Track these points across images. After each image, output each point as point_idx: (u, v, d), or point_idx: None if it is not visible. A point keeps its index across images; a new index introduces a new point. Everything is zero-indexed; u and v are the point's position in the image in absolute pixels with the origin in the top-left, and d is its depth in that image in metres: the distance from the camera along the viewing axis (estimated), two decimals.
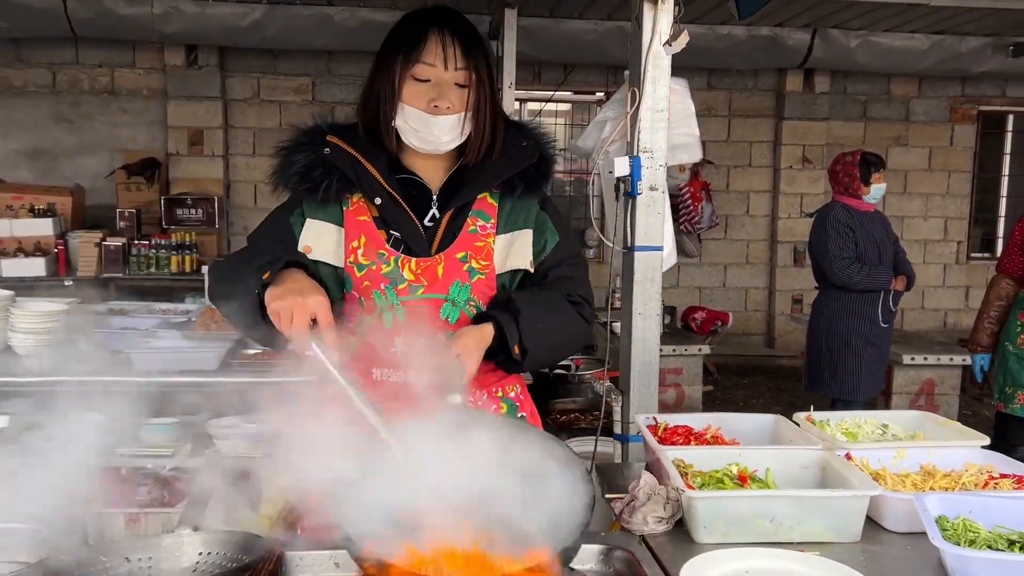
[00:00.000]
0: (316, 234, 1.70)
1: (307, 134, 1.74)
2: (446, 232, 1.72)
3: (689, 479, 1.75)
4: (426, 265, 1.69)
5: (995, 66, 7.80)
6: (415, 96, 1.65)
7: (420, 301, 1.68)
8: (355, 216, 1.71)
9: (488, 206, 1.75)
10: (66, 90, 7.68)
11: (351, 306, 1.69)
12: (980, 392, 7.13)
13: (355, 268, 1.68)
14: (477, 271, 1.72)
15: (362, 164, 1.69)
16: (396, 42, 1.68)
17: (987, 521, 1.55)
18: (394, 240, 1.69)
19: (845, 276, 4.55)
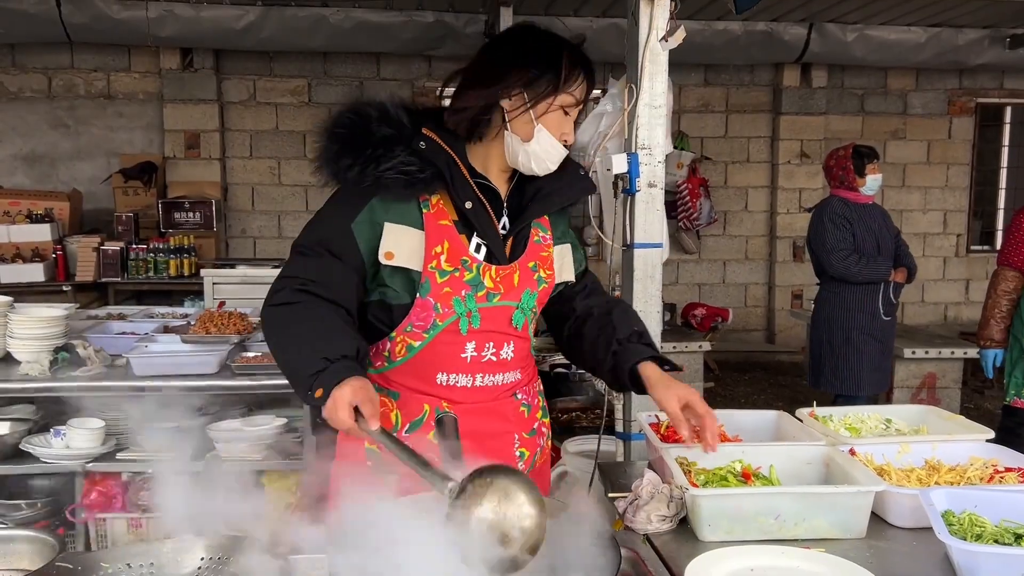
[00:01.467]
0: (397, 240, 1.63)
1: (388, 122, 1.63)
2: (516, 240, 1.74)
3: (692, 477, 1.74)
4: (505, 273, 1.70)
5: (992, 58, 7.80)
6: (555, 124, 1.65)
7: (495, 308, 1.69)
8: (436, 220, 1.65)
9: (543, 219, 1.80)
10: (62, 95, 7.67)
11: (423, 311, 1.65)
12: (982, 385, 7.13)
13: (437, 274, 1.64)
14: (543, 280, 1.77)
15: (457, 164, 1.65)
16: (542, 63, 1.62)
17: (993, 515, 1.54)
18: (476, 246, 1.67)
19: (843, 268, 4.53)
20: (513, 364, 1.77)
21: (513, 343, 1.75)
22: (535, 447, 1.87)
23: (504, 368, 1.75)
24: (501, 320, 1.71)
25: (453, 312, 1.66)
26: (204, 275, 5.31)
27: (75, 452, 3.27)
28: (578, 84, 1.64)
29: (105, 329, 3.90)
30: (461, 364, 1.70)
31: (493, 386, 1.74)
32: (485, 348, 1.71)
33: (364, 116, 1.63)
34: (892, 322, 4.73)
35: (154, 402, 3.56)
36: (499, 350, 1.73)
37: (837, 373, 4.67)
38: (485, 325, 1.69)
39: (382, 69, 8.00)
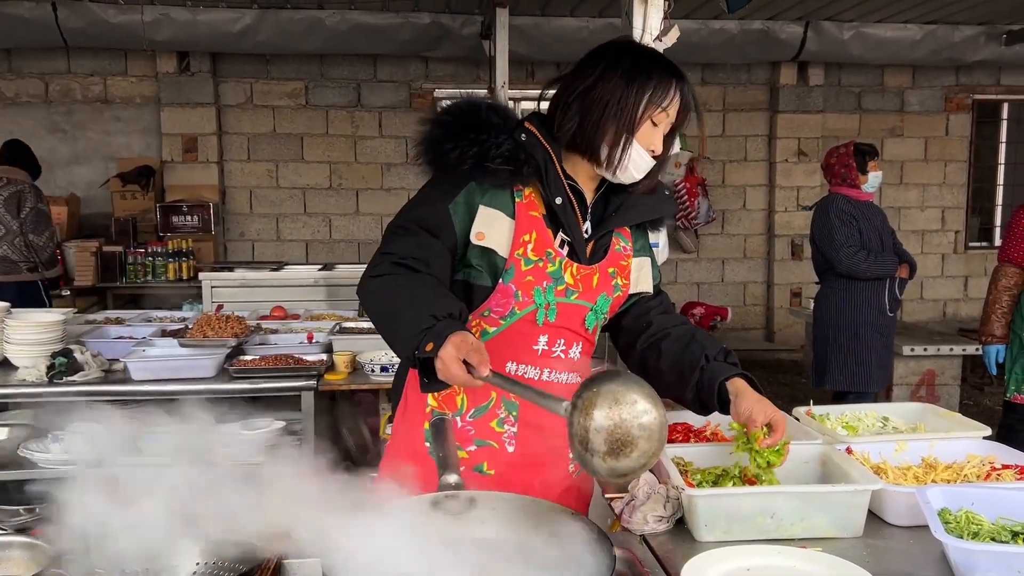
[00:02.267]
0: (489, 222, 1.68)
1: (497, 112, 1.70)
2: (597, 245, 1.77)
3: (689, 477, 1.74)
4: (586, 272, 1.73)
5: (989, 54, 7.79)
6: (646, 137, 1.68)
7: (571, 305, 1.72)
8: (527, 210, 1.70)
9: (625, 230, 1.83)
10: (59, 99, 7.67)
11: (504, 297, 1.70)
12: (981, 382, 7.13)
13: (522, 261, 1.69)
14: (619, 287, 1.80)
15: (552, 160, 1.70)
16: (644, 75, 1.67)
17: (990, 513, 1.54)
18: (561, 242, 1.72)
19: (852, 264, 4.54)
20: (578, 365, 1.79)
21: (582, 344, 1.78)
22: None
23: (570, 367, 1.77)
24: (575, 319, 1.74)
25: (532, 302, 1.70)
26: (202, 278, 5.31)
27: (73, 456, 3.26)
28: (670, 99, 1.68)
29: (103, 334, 3.90)
30: (532, 356, 1.73)
31: (559, 383, 1.75)
32: (556, 344, 1.74)
33: (475, 105, 1.71)
34: (895, 319, 4.75)
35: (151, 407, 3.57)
36: (568, 348, 1.76)
37: (846, 370, 4.66)
38: (560, 320, 1.73)
39: (379, 71, 8.00)
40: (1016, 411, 3.97)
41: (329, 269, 5.78)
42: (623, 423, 1.32)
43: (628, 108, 1.66)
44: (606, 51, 1.73)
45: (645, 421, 1.32)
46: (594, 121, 1.67)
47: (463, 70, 8.01)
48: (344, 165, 8.07)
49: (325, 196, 8.07)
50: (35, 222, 5.61)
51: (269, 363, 3.40)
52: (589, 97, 1.68)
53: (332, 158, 8.03)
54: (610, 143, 1.67)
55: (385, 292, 1.60)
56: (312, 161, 8.03)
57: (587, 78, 1.69)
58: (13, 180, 5.61)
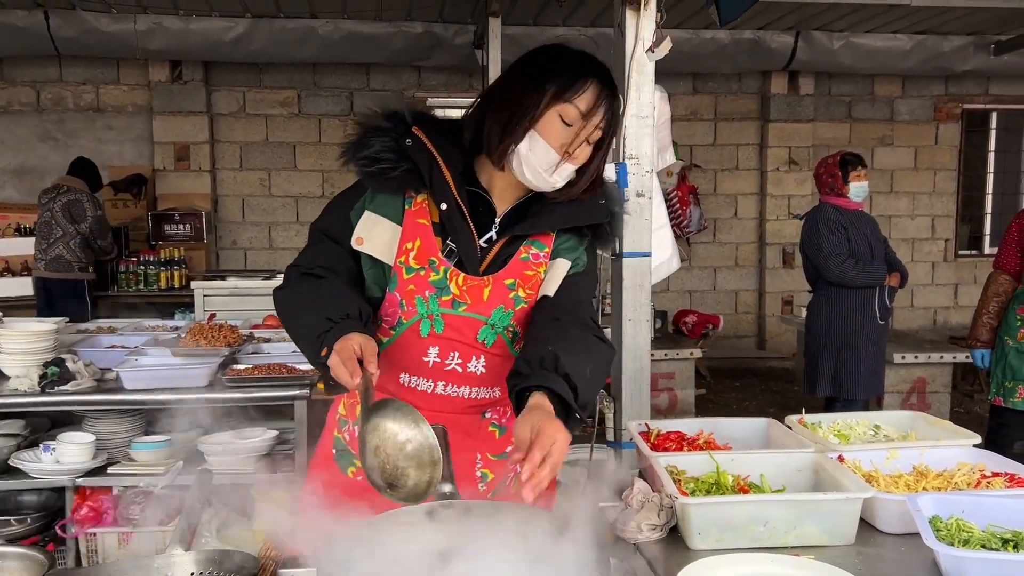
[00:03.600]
0: (370, 227, 1.65)
1: (390, 118, 1.66)
2: (498, 254, 1.68)
3: (682, 485, 1.75)
4: (473, 284, 1.64)
5: (977, 64, 7.86)
6: (552, 134, 1.57)
7: (460, 318, 1.64)
8: (415, 217, 1.65)
9: (545, 236, 1.71)
10: (51, 108, 7.66)
11: (390, 307, 1.66)
12: (971, 389, 7.17)
13: (404, 269, 1.63)
14: (522, 299, 1.68)
15: (439, 165, 1.63)
16: (550, 70, 1.59)
17: (980, 520, 1.55)
18: (448, 251, 1.65)
19: (840, 272, 4.59)
20: (485, 381, 1.70)
21: (484, 358, 1.68)
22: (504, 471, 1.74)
23: (472, 382, 1.69)
24: (467, 332, 1.66)
25: (416, 311, 1.64)
26: (195, 287, 5.31)
27: (65, 467, 3.25)
28: (581, 95, 1.56)
29: (95, 343, 3.89)
30: (423, 368, 1.67)
31: (457, 397, 1.69)
32: (450, 356, 1.66)
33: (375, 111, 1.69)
34: (886, 326, 4.78)
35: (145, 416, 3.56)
36: (466, 362, 1.67)
37: (835, 377, 4.72)
38: (449, 333, 1.65)
39: (372, 80, 8.02)
40: (1000, 415, 4.01)
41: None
42: (388, 458, 1.33)
43: (527, 100, 1.58)
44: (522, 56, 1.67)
45: (409, 450, 1.32)
46: (493, 117, 1.61)
47: (456, 79, 8.04)
48: (337, 174, 8.06)
49: (318, 204, 7.99)
50: (98, 228, 6.48)
51: (262, 372, 3.40)
52: (493, 95, 1.64)
53: (325, 167, 8.04)
54: (506, 137, 1.59)
55: (289, 304, 1.63)
56: (305, 170, 8.03)
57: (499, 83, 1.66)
58: (72, 188, 6.44)
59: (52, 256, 6.40)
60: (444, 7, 6.77)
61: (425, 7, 6.76)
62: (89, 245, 6.48)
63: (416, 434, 1.33)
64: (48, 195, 6.45)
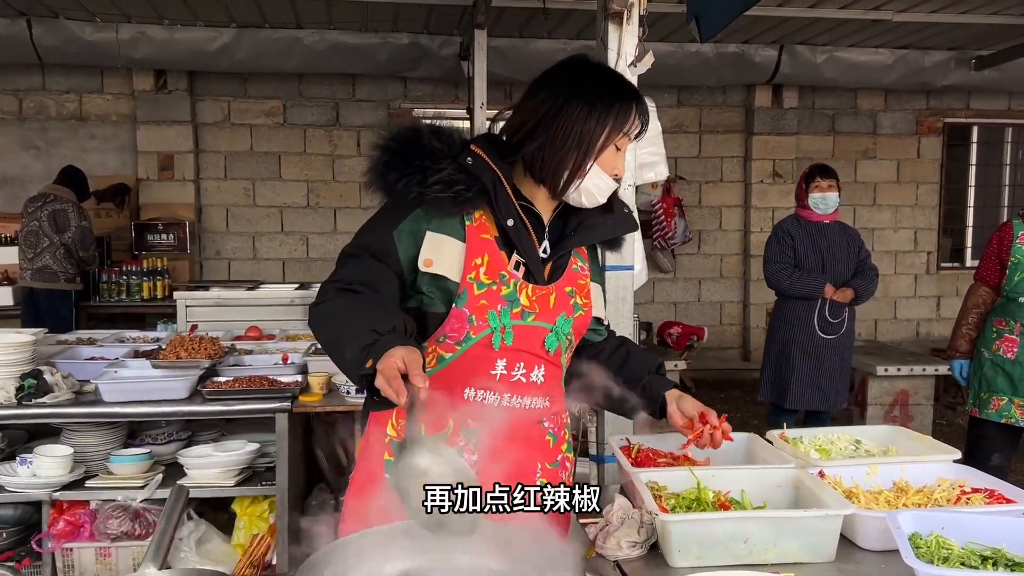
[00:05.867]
0: (437, 247, 1.65)
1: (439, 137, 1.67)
2: (554, 265, 1.75)
3: (663, 501, 1.74)
4: (541, 293, 1.71)
5: (959, 79, 7.94)
6: (609, 162, 1.69)
7: (529, 328, 1.69)
8: (478, 233, 1.68)
9: (581, 251, 1.83)
10: (33, 116, 7.61)
11: (457, 322, 1.66)
12: (953, 401, 7.21)
13: (475, 285, 1.65)
14: (580, 307, 1.77)
15: (501, 182, 1.67)
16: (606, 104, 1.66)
17: (960, 537, 1.54)
18: (515, 264, 1.69)
19: (774, 280, 4.81)
20: (543, 389, 1.75)
21: (544, 367, 1.74)
22: (556, 480, 1.81)
23: (533, 391, 1.73)
24: (534, 341, 1.71)
25: (487, 326, 1.66)
26: (177, 298, 5.26)
27: (42, 480, 3.22)
28: (631, 123, 1.69)
29: (74, 354, 3.85)
30: (490, 380, 1.68)
31: (521, 408, 1.72)
32: (516, 367, 1.70)
33: (417, 130, 1.68)
34: (836, 341, 4.74)
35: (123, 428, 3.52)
36: (529, 371, 1.72)
37: (771, 384, 4.89)
38: (518, 343, 1.69)
39: (357, 90, 8.01)
40: (978, 426, 4.03)
41: (306, 288, 5.75)
42: None
43: (591, 138, 1.65)
44: (564, 77, 1.70)
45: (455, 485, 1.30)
46: (556, 150, 1.66)
47: (441, 90, 8.04)
48: (322, 184, 8.05)
49: (303, 215, 8.04)
50: (81, 240, 6.41)
51: (243, 384, 3.37)
52: (552, 127, 1.65)
53: (310, 176, 8.02)
54: (571, 172, 1.67)
55: (330, 318, 1.58)
56: (290, 180, 8.01)
57: (548, 107, 1.66)
58: (59, 197, 6.40)
59: (39, 266, 6.35)
60: (430, 18, 6.78)
61: (411, 18, 6.77)
62: (71, 255, 6.43)
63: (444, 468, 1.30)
64: (34, 204, 6.39)
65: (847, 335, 4.80)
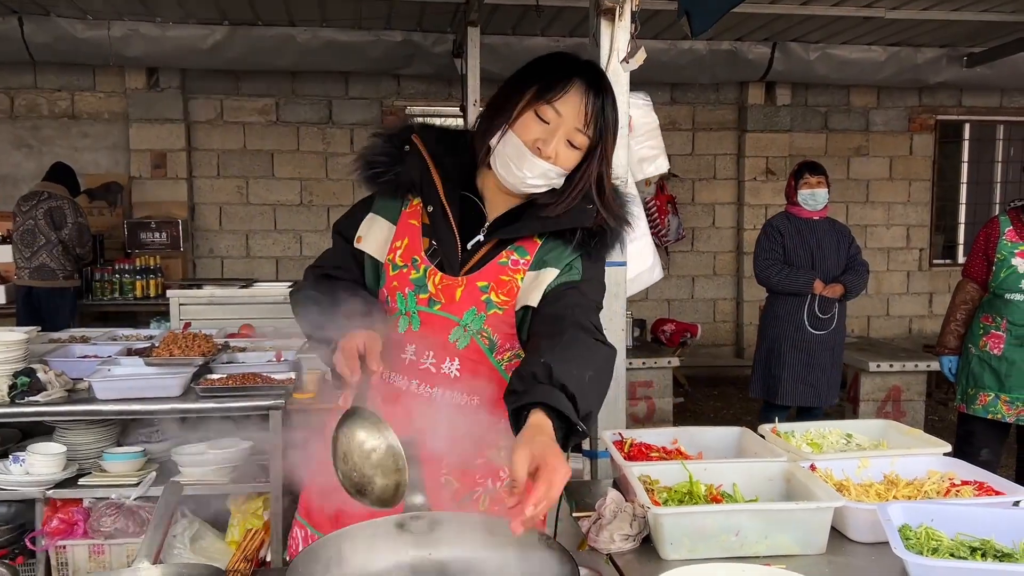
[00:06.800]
0: (369, 226, 1.74)
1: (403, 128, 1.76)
2: (482, 258, 1.68)
3: (655, 495, 1.75)
4: (448, 283, 1.66)
5: (951, 76, 7.97)
6: (526, 129, 1.59)
7: (435, 316, 1.67)
8: (408, 218, 1.72)
9: (530, 243, 1.68)
10: (25, 115, 7.58)
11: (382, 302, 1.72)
12: (945, 397, 7.24)
13: (391, 266, 1.70)
14: (495, 304, 1.65)
15: (429, 171, 1.69)
16: (536, 73, 1.63)
17: (949, 529, 1.56)
18: (432, 251, 1.68)
19: (763, 276, 4.83)
20: (459, 384, 1.67)
21: (458, 361, 1.66)
22: (472, 484, 1.71)
23: (446, 384, 1.66)
24: (441, 331, 1.66)
25: (397, 308, 1.68)
26: (170, 296, 5.25)
27: (35, 478, 3.21)
28: (561, 95, 1.57)
29: (67, 352, 3.84)
30: (400, 364, 1.68)
31: (431, 398, 1.66)
32: (425, 355, 1.67)
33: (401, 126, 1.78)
34: (826, 337, 4.77)
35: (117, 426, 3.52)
36: (439, 363, 1.66)
37: (761, 380, 4.92)
38: (425, 331, 1.67)
39: (351, 88, 8.00)
40: (966, 421, 4.05)
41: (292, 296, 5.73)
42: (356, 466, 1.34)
43: (509, 101, 1.62)
44: None
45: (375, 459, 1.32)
46: (483, 119, 1.68)
47: (435, 88, 8.04)
48: (315, 182, 8.04)
49: (296, 213, 8.03)
50: (78, 236, 6.45)
51: (236, 382, 3.37)
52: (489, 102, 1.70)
53: (303, 175, 8.01)
54: (490, 136, 1.64)
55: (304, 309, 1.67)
56: (283, 178, 8.00)
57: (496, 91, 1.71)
58: (54, 195, 6.41)
59: (36, 264, 6.36)
60: (423, 16, 6.78)
61: (404, 16, 6.77)
62: (68, 252, 6.43)
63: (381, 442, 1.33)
64: (29, 202, 6.38)
65: (838, 331, 4.82)
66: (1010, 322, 3.87)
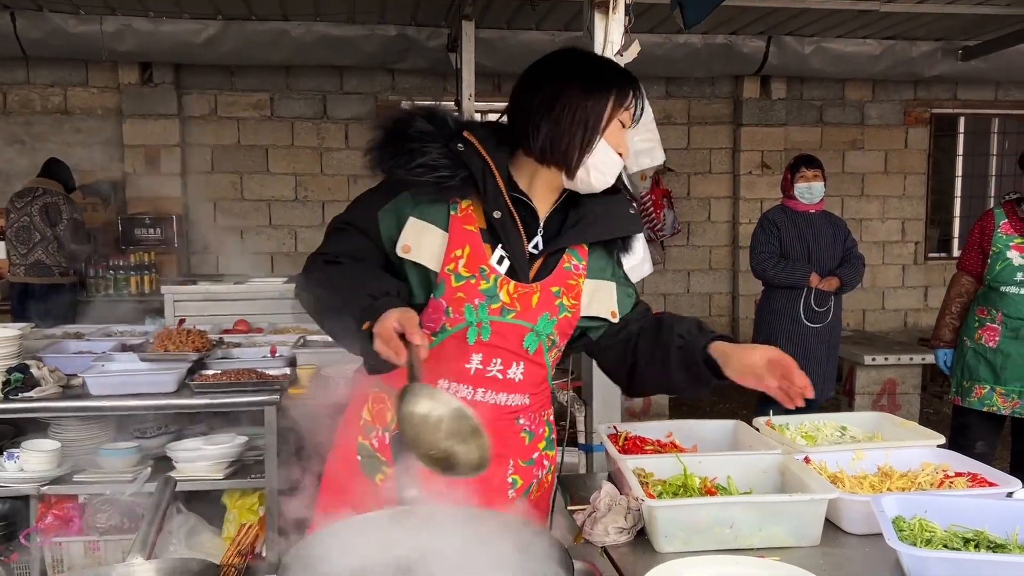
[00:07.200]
0: (418, 234, 1.63)
1: (431, 120, 1.65)
2: (544, 262, 1.70)
3: (649, 488, 1.75)
4: (524, 291, 1.66)
5: (946, 69, 7.97)
6: (615, 137, 1.66)
7: (508, 325, 1.65)
8: (462, 224, 1.64)
9: (580, 248, 1.75)
10: (17, 111, 7.55)
11: (435, 312, 1.64)
12: (940, 390, 7.25)
13: (452, 277, 1.62)
14: (566, 308, 1.71)
15: (492, 171, 1.64)
16: (603, 79, 1.66)
17: (943, 520, 1.56)
18: (499, 258, 1.65)
19: (759, 268, 4.84)
20: (521, 387, 1.71)
21: (523, 365, 1.70)
22: (530, 477, 1.80)
23: (510, 388, 1.70)
24: (513, 339, 1.67)
25: (463, 319, 1.63)
26: (165, 292, 5.25)
27: (29, 475, 3.20)
28: (631, 98, 1.67)
29: (61, 348, 3.83)
30: (465, 375, 1.66)
31: (495, 404, 1.69)
32: (492, 363, 1.66)
33: (410, 113, 1.67)
34: (822, 329, 4.77)
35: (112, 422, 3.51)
36: (506, 368, 1.68)
37: None
38: (495, 340, 1.65)
39: (345, 83, 7.98)
40: (961, 414, 4.06)
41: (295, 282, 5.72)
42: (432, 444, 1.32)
43: (595, 113, 1.63)
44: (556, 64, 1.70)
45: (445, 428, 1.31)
46: (563, 131, 1.63)
47: (429, 82, 8.02)
48: (310, 177, 8.02)
49: (291, 208, 8.01)
50: (73, 231, 6.41)
51: (231, 377, 3.36)
52: (555, 110, 1.63)
53: (298, 170, 7.99)
54: (580, 149, 1.64)
55: (320, 288, 1.59)
56: (277, 173, 7.98)
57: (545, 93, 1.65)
58: (48, 191, 6.38)
59: (32, 261, 6.34)
60: (417, 10, 6.75)
61: (398, 10, 6.75)
62: (64, 248, 6.41)
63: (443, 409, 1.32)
64: (23, 199, 6.36)
65: (833, 324, 4.82)
66: (1005, 315, 3.88)
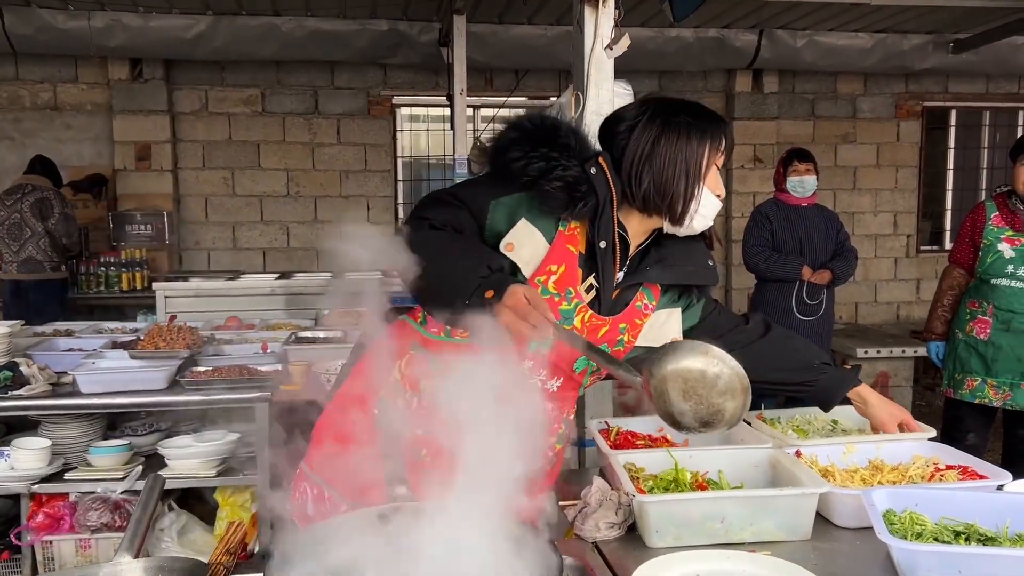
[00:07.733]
0: (524, 237, 1.65)
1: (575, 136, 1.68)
2: (619, 296, 1.74)
3: (640, 483, 1.75)
4: (597, 323, 1.71)
5: (937, 62, 7.97)
6: (713, 182, 1.70)
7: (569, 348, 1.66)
8: (566, 242, 1.67)
9: (654, 287, 1.81)
10: (6, 107, 7.50)
11: None
12: (932, 382, 7.27)
13: (539, 288, 1.64)
14: (623, 343, 1.77)
15: (611, 203, 1.66)
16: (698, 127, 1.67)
17: (933, 513, 1.56)
18: (588, 286, 1.68)
19: (751, 262, 4.85)
20: (554, 396, 1.77)
21: (563, 380, 1.76)
22: None
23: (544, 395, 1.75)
24: (567, 360, 1.72)
25: None
26: (156, 288, 5.23)
27: (20, 473, 3.19)
28: (724, 140, 1.71)
29: (52, 346, 3.82)
30: None
31: None
32: (538, 372, 1.73)
33: (557, 123, 1.69)
34: (815, 322, 4.78)
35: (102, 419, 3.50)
36: (549, 379, 1.75)
37: None
38: (551, 356, 1.69)
39: (336, 78, 7.95)
40: (953, 406, 4.07)
41: (287, 278, 5.72)
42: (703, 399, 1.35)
43: (696, 161, 1.66)
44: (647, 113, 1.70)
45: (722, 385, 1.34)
46: (667, 181, 1.65)
47: (421, 77, 8.00)
48: (302, 172, 8.00)
49: (283, 204, 7.98)
50: (65, 227, 6.39)
51: (222, 374, 3.35)
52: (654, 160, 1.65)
53: (289, 165, 7.96)
54: (686, 198, 1.67)
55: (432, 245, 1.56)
56: (269, 168, 7.94)
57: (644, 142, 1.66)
58: (38, 187, 6.36)
59: (24, 257, 6.31)
60: (409, 5, 6.73)
61: (390, 4, 6.72)
62: (55, 243, 6.38)
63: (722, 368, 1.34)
64: (13, 196, 6.32)
65: (826, 317, 4.83)
66: (996, 307, 3.89)
